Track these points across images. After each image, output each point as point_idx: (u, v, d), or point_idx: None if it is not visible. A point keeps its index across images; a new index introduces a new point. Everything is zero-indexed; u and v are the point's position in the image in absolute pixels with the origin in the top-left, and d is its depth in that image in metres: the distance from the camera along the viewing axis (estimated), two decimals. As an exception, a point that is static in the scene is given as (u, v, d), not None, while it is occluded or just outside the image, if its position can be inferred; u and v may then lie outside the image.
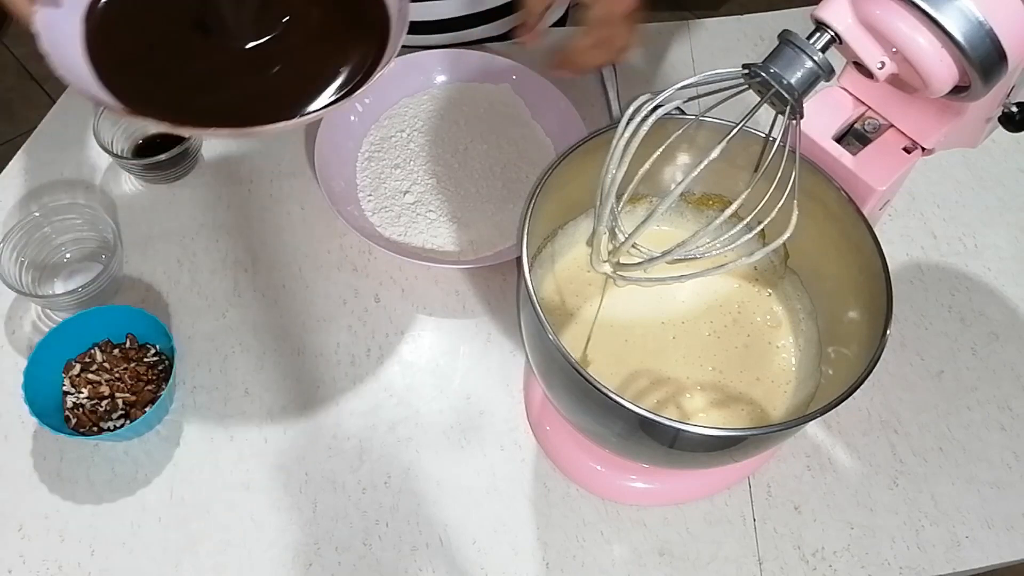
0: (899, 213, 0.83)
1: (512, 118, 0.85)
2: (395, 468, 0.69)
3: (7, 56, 2.00)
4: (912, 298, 0.78)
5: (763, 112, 0.51)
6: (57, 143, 0.85)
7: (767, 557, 0.66)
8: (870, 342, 0.52)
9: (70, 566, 0.64)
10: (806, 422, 0.50)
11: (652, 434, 0.51)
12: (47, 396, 0.68)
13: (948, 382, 0.74)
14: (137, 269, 0.78)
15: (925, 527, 0.67)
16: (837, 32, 0.49)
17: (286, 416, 0.71)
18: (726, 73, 0.51)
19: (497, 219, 0.78)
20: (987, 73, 0.46)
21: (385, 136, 0.83)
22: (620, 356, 0.64)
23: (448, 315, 0.76)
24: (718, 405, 0.62)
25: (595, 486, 0.68)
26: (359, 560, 0.65)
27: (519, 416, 0.71)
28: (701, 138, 0.60)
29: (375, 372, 0.73)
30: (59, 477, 0.68)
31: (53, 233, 0.75)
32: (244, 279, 0.78)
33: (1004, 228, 0.83)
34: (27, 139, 0.85)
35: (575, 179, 0.59)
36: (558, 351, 0.50)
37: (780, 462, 0.70)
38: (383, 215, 0.79)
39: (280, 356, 0.74)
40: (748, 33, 0.97)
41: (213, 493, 0.67)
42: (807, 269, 0.64)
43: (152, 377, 0.70)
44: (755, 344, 0.65)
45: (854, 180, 0.58)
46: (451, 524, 0.67)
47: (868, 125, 0.61)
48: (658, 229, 0.69)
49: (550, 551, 0.66)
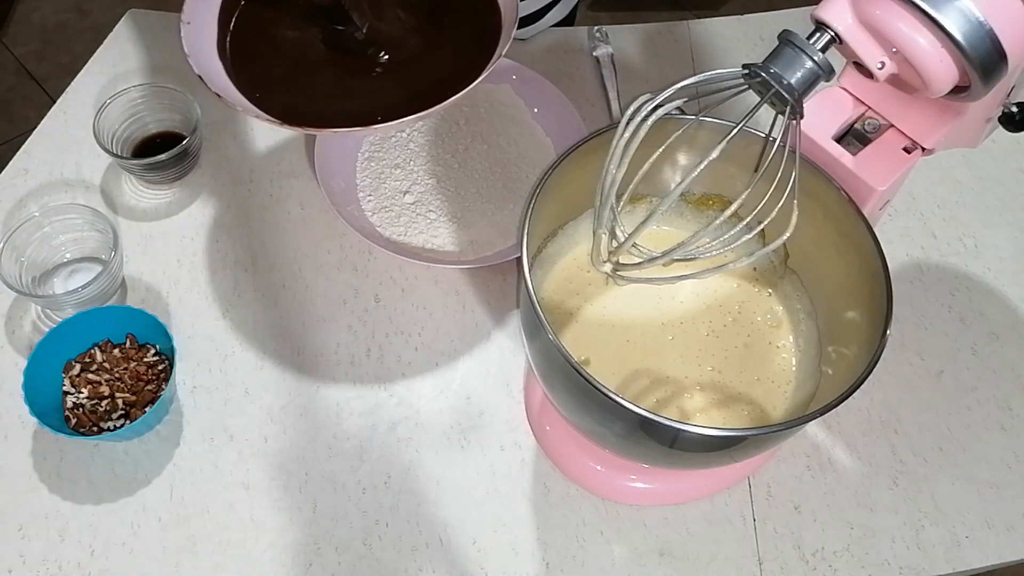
0: (899, 213, 0.83)
1: (512, 118, 0.85)
2: (395, 468, 0.69)
3: (7, 56, 2.00)
4: (912, 298, 0.78)
5: (763, 112, 0.51)
6: (57, 143, 0.85)
7: (767, 557, 0.66)
8: (870, 342, 0.52)
9: (70, 566, 0.64)
10: (806, 422, 0.50)
11: (652, 434, 0.51)
12: (47, 396, 0.68)
13: (948, 382, 0.74)
14: (137, 269, 0.78)
15: (925, 527, 0.67)
16: (837, 32, 0.49)
17: (286, 416, 0.71)
18: (726, 73, 0.51)
19: (497, 219, 0.78)
20: (987, 73, 0.46)
21: (385, 136, 0.83)
22: (620, 356, 0.64)
23: (448, 315, 0.76)
24: (718, 405, 0.62)
25: (595, 486, 0.68)
26: (359, 560, 0.65)
27: (519, 416, 0.71)
28: (701, 138, 0.60)
29: (375, 372, 0.73)
30: (59, 477, 0.68)
31: (53, 233, 0.75)
32: (244, 279, 0.78)
33: (1004, 228, 0.83)
34: (27, 139, 0.85)
35: (575, 179, 0.59)
36: (558, 351, 0.50)
37: (780, 462, 0.70)
38: (383, 215, 0.79)
39: (280, 356, 0.74)
40: (748, 33, 0.97)
41: (213, 493, 0.67)
42: (807, 269, 0.64)
43: (152, 377, 0.70)
44: (755, 344, 0.65)
45: (854, 180, 0.58)
46: (451, 524, 0.67)
47: (868, 125, 0.61)
48: (658, 229, 0.69)
49: (550, 551, 0.66)
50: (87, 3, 2.10)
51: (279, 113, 0.59)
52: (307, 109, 0.61)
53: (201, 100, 0.80)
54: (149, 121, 0.82)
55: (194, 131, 0.78)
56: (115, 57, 0.91)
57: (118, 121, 0.80)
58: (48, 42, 2.03)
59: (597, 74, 0.92)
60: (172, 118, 0.82)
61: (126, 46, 0.92)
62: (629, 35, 0.96)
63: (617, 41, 0.95)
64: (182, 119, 0.81)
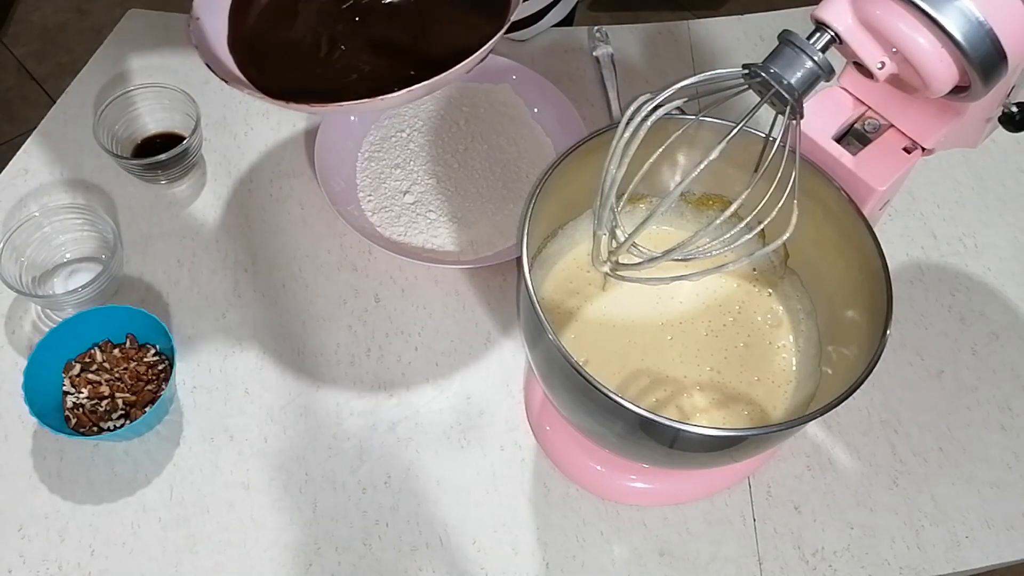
0: (899, 213, 0.83)
1: (512, 118, 0.85)
2: (395, 468, 0.69)
3: (7, 56, 2.00)
4: (912, 298, 0.78)
5: (763, 112, 0.51)
6: (57, 143, 0.85)
7: (767, 557, 0.66)
8: (870, 342, 0.52)
9: (70, 566, 0.64)
10: (806, 422, 0.50)
11: (652, 434, 0.51)
12: (47, 396, 0.68)
13: (948, 382, 0.74)
14: (137, 269, 0.78)
15: (925, 527, 0.67)
16: (837, 32, 0.49)
17: (286, 416, 0.71)
18: (726, 73, 0.51)
19: (497, 219, 0.78)
20: (987, 73, 0.46)
21: (385, 136, 0.83)
22: (620, 356, 0.64)
23: (448, 315, 0.76)
24: (718, 405, 0.62)
25: (595, 486, 0.68)
26: (359, 560, 0.65)
27: (519, 416, 0.71)
28: (701, 138, 0.60)
29: (375, 372, 0.73)
30: (59, 477, 0.68)
31: (53, 233, 0.75)
32: (244, 279, 0.78)
33: (1004, 228, 0.83)
34: (27, 139, 0.85)
35: (575, 179, 0.59)
36: (558, 351, 0.50)
37: (780, 462, 0.70)
38: (383, 215, 0.79)
39: (280, 356, 0.74)
40: (748, 33, 0.97)
41: (213, 493, 0.67)
42: (807, 269, 0.64)
43: (152, 377, 0.70)
44: (755, 344, 0.65)
45: (854, 180, 0.58)
46: (451, 524, 0.67)
47: (868, 125, 0.61)
48: (658, 229, 0.69)
49: (550, 551, 0.66)
50: (87, 3, 2.10)
51: (281, 93, 0.59)
52: (312, 87, 0.62)
53: (201, 100, 0.80)
54: (149, 121, 0.82)
55: (194, 131, 0.78)
56: (115, 57, 0.91)
57: (118, 121, 0.80)
58: (48, 42, 2.03)
59: (597, 74, 0.92)
60: (172, 118, 0.82)
61: (126, 46, 0.92)
62: (629, 35, 0.96)
63: (617, 41, 0.95)
64: (182, 119, 0.81)
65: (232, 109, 0.88)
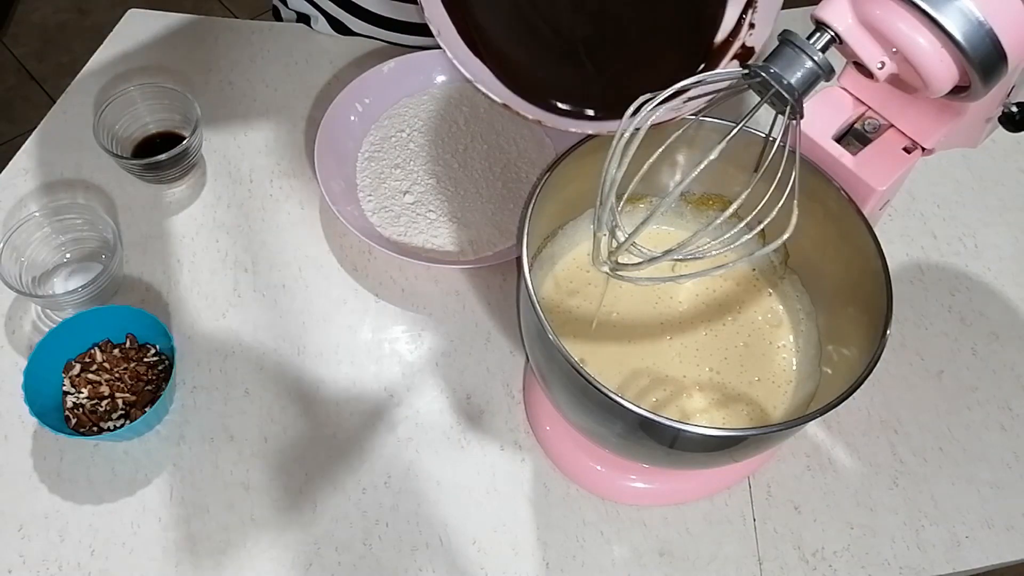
0: (899, 213, 0.83)
1: (512, 118, 0.85)
2: (395, 468, 0.69)
3: (7, 56, 2.00)
4: (912, 298, 0.78)
5: (763, 112, 0.51)
6: (57, 143, 0.85)
7: (767, 557, 0.66)
8: (870, 342, 0.52)
9: (70, 566, 0.64)
10: (806, 422, 0.50)
11: (652, 434, 0.51)
12: (47, 396, 0.68)
13: (948, 382, 0.74)
14: (137, 269, 0.78)
15: (925, 527, 0.67)
16: (837, 32, 0.49)
17: (286, 416, 0.71)
18: (726, 73, 0.51)
19: (497, 219, 0.78)
20: (987, 73, 0.46)
21: (385, 136, 0.83)
22: (620, 356, 0.64)
23: (448, 315, 0.76)
24: (718, 405, 0.62)
25: (595, 486, 0.68)
26: (359, 560, 0.65)
27: (519, 416, 0.71)
28: (701, 138, 0.60)
29: (375, 372, 0.73)
30: (59, 477, 0.68)
31: (53, 233, 0.75)
32: (244, 279, 0.78)
33: (1004, 228, 0.83)
34: (27, 139, 0.85)
35: (575, 179, 0.59)
36: (558, 351, 0.50)
37: (780, 462, 0.70)
38: (383, 215, 0.79)
39: (280, 356, 0.74)
40: (748, 33, 0.97)
41: (213, 493, 0.67)
42: (807, 269, 0.64)
43: (152, 377, 0.70)
44: (755, 344, 0.65)
45: (854, 180, 0.58)
46: (451, 524, 0.67)
47: (868, 125, 0.61)
48: (658, 229, 0.69)
49: (550, 551, 0.66)
50: (87, 3, 2.10)
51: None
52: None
53: (201, 100, 0.80)
54: (149, 121, 0.82)
55: (194, 131, 0.78)
56: (115, 57, 0.91)
57: (118, 121, 0.80)
58: (48, 42, 2.03)
59: (597, 74, 0.91)
60: (172, 118, 0.82)
61: (126, 46, 0.92)
62: (629, 35, 0.96)
63: (617, 41, 0.94)
64: (182, 119, 0.81)
65: (232, 109, 0.88)
